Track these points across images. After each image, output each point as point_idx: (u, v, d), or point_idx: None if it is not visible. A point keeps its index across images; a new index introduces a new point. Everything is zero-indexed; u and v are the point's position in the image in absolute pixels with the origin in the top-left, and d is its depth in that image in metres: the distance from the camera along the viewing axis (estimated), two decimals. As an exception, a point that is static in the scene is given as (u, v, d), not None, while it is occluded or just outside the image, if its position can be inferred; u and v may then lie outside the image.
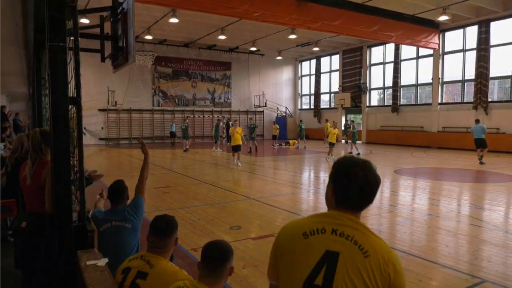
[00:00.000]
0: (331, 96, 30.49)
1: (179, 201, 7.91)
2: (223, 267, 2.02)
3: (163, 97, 28.02)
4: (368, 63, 26.77)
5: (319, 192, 9.10)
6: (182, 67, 28.51)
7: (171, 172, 12.54)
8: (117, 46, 3.64)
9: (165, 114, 27.76)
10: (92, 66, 22.86)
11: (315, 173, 12.80)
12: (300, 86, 33.74)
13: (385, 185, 10.26)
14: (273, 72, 32.45)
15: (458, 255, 4.85)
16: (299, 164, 15.29)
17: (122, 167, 14.32)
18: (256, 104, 31.07)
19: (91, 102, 23.20)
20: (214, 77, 29.95)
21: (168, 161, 16.10)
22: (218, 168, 13.65)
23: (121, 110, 25.96)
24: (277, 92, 32.73)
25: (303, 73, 33.62)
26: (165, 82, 28.01)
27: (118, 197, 3.25)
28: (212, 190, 9.20)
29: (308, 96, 33.35)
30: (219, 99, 30.30)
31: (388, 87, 25.69)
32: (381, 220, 6.51)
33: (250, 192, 8.87)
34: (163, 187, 9.64)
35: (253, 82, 31.39)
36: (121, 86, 25.59)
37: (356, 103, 27.26)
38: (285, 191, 9.18)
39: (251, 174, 11.88)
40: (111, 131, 26.03)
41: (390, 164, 14.41)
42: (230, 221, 6.34)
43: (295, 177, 11.63)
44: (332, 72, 30.24)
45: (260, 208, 7.28)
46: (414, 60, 23.87)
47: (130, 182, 3.59)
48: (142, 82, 26.80)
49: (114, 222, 3.14)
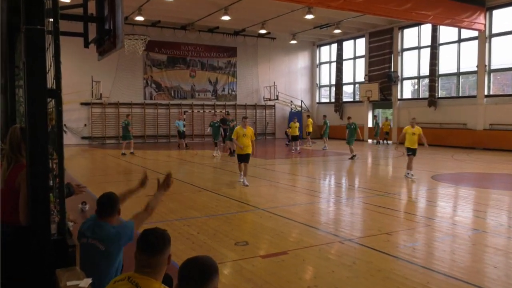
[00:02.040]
0: (355, 88, 30.34)
1: (175, 212, 7.91)
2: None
3: (157, 89, 28.21)
4: (399, 48, 26.60)
5: (341, 202, 9.06)
6: (178, 54, 28.67)
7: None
8: (103, 29, 3.67)
9: (159, 108, 27.94)
10: (74, 53, 23.00)
11: (336, 179, 12.75)
12: (319, 76, 33.64)
13: (420, 194, 10.19)
14: (286, 59, 32.43)
15: (509, 278, 4.79)
16: (317, 167, 15.24)
17: (108, 171, 14.40)
18: (266, 97, 31.09)
19: (72, 94, 23.44)
20: (216, 65, 30.05)
21: (162, 164, 16.18)
22: (221, 173, 13.64)
23: (107, 104, 26.20)
24: (291, 82, 32.70)
25: (322, 60, 33.50)
26: (159, 71, 28.19)
27: (106, 210, 3.29)
28: (213, 198, 9.19)
29: (327, 87, 33.22)
30: (222, 91, 30.39)
31: (424, 76, 25.49)
32: (415, 236, 6.45)
33: (259, 202, 8.84)
34: (156, 195, 9.68)
35: (263, 71, 31.41)
36: (108, 76, 25.83)
37: (385, 95, 27.11)
38: (301, 200, 9.15)
39: (260, 180, 11.84)
40: (95, 128, 26.26)
41: (426, 169, 14.29)
42: (236, 235, 6.34)
43: (313, 184, 11.59)
44: (356, 58, 30.07)
45: (271, 221, 7.27)
46: (455, 44, 23.66)
47: (117, 189, 3.61)
48: (132, 71, 27.02)
49: (90, 239, 3.16)
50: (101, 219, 3.28)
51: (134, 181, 11.83)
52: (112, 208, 3.31)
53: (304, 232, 6.58)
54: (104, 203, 3.30)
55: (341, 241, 6.07)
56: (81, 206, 7.90)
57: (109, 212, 3.29)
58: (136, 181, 4.14)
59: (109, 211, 3.29)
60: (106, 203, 3.30)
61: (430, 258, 5.43)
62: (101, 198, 3.35)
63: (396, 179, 12.57)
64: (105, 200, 3.32)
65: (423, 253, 5.67)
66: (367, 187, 10.82)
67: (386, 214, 7.75)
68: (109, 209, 3.30)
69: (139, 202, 4.04)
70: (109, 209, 3.30)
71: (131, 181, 11.72)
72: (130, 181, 11.83)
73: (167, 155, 19.35)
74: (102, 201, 3.32)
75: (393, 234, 6.47)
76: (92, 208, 7.91)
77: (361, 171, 14.68)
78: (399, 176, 13.21)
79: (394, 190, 10.47)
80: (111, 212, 3.30)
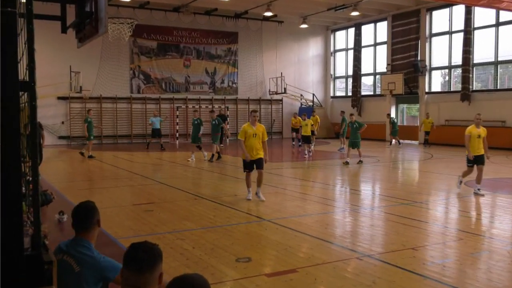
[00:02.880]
0: (376, 79, 30.31)
1: (167, 223, 7.92)
2: None
3: (145, 81, 28.32)
4: (427, 33, 26.55)
5: (359, 212, 9.06)
6: (171, 40, 28.77)
7: (156, 182, 12.59)
8: (83, 12, 3.68)
9: (148, 103, 28.04)
10: (50, 39, 23.13)
11: (353, 185, 12.75)
12: (333, 65, 33.61)
13: (451, 202, 10.17)
14: (296, 46, 32.44)
15: (555, 300, 4.76)
16: (331, 172, 15.23)
17: (89, 176, 14.44)
18: (272, 90, 31.13)
19: (48, 87, 23.55)
20: (214, 53, 30.10)
21: (151, 168, 16.21)
22: (220, 178, 13.66)
23: (88, 99, 26.31)
24: (301, 73, 32.72)
25: (337, 47, 33.48)
26: (148, 60, 28.29)
27: (82, 222, 3.26)
28: (211, 207, 9.20)
29: (343, 78, 33.19)
30: (221, 83, 30.45)
31: (456, 65, 25.43)
32: (446, 251, 6.45)
33: (264, 211, 8.84)
34: (145, 203, 9.67)
35: (268, 59, 31.44)
36: (89, 66, 25.94)
37: (410, 88, 27.07)
38: (313, 209, 9.16)
39: (265, 187, 11.79)
40: (74, 126, 26.37)
41: (458, 173, 14.25)
42: (237, 250, 6.36)
43: (326, 191, 11.58)
44: (377, 45, 30.05)
45: (277, 233, 7.28)
46: (492, 29, 23.59)
47: (100, 197, 3.62)
48: (117, 60, 27.14)
49: (65, 256, 3.17)
50: (78, 234, 3.26)
51: (120, 187, 12.03)
52: (90, 220, 3.27)
53: (316, 247, 6.58)
54: (80, 215, 3.27)
55: (359, 257, 6.07)
56: (58, 216, 7.91)
57: (86, 225, 3.26)
58: (123, 187, 4.15)
59: (86, 224, 3.26)
60: (82, 215, 3.27)
61: (463, 277, 5.41)
62: (76, 208, 3.32)
63: (423, 185, 12.53)
64: (81, 211, 3.29)
65: (454, 271, 5.65)
66: (389, 195, 10.80)
67: (411, 226, 7.74)
68: (87, 222, 3.26)
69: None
70: (87, 222, 3.26)
71: (117, 188, 11.83)
72: (117, 187, 11.90)
73: (158, 158, 19.40)
74: (78, 212, 3.29)
75: (419, 249, 6.46)
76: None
77: (382, 176, 14.64)
78: (427, 182, 13.17)
79: (420, 198, 10.43)
80: (89, 225, 3.27)
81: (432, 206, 9.71)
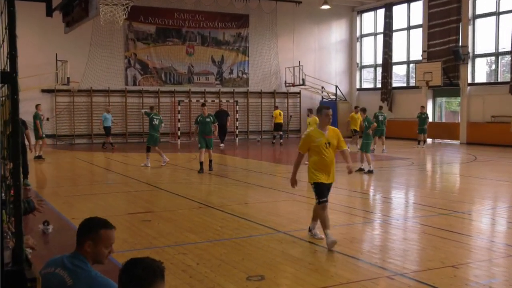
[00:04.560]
0: (410, 69, 30.10)
1: (167, 235, 7.93)
2: None
3: (142, 71, 28.45)
4: (470, 14, 26.33)
5: (390, 223, 9.02)
6: (171, 24, 28.86)
7: (155, 188, 12.63)
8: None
9: (145, 96, 28.13)
10: (33, 24, 23.41)
11: (384, 192, 12.71)
12: (360, 53, 33.45)
13: (499, 212, 10.08)
14: (316, 31, 32.35)
15: None
16: (358, 177, 15.16)
17: (77, 181, 14.52)
18: (289, 81, 31.08)
19: (31, 78, 23.77)
20: (222, 38, 30.14)
21: (149, 171, 16.30)
22: (227, 183, 13.67)
23: (76, 91, 26.50)
24: (322, 62, 32.61)
25: (364, 32, 33.33)
26: (146, 47, 28.41)
27: (81, 237, 3.33)
28: (218, 217, 9.22)
29: (372, 68, 33.05)
30: (229, 74, 30.48)
31: (504, 52, 25.21)
32: (492, 270, 6.40)
33: (279, 222, 8.82)
34: (142, 212, 9.71)
35: (284, 46, 31.37)
36: (78, 55, 26.11)
37: (450, 79, 26.87)
38: (336, 220, 9.04)
39: (280, 193, 11.82)
40: (61, 123, 26.60)
41: (507, 179, 14.13)
42: (247, 267, 6.35)
43: (353, 199, 11.56)
44: (411, 29, 29.87)
45: (294, 247, 7.26)
46: (548, 8, 23.29)
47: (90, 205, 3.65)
48: (110, 47, 27.26)
49: (58, 269, 3.21)
50: (77, 249, 3.30)
51: (113, 194, 12.07)
52: (90, 236, 3.33)
53: (340, 264, 6.56)
54: (80, 231, 3.35)
55: (390, 276, 6.04)
56: (43, 227, 7.94)
57: (84, 241, 3.32)
58: (117, 194, 4.18)
59: (84, 240, 3.32)
60: (82, 231, 3.34)
61: (513, 300, 5.37)
62: (85, 221, 3.40)
63: (465, 192, 12.43)
64: (81, 228, 3.36)
65: (502, 293, 5.60)
66: (425, 203, 10.73)
67: (451, 239, 7.68)
68: (85, 238, 3.32)
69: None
70: (85, 238, 3.32)
71: (110, 194, 11.89)
72: (109, 194, 11.96)
73: (157, 159, 19.48)
74: (84, 225, 3.37)
75: (461, 267, 6.42)
76: (57, 230, 8.02)
77: (417, 181, 14.56)
78: (469, 188, 13.06)
79: (462, 207, 10.36)
80: (87, 242, 3.33)
81: (476, 217, 9.62)
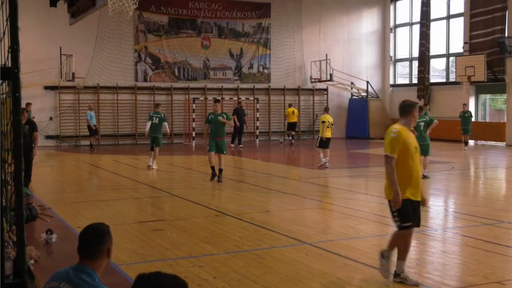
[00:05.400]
0: (450, 62, 29.77)
1: (181, 246, 7.93)
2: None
3: (153, 66, 28.59)
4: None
5: (427, 234, 8.91)
6: (185, 14, 28.98)
7: (167, 194, 12.63)
8: (77, -21, 3.72)
9: (157, 94, 28.28)
10: (36, 15, 23.67)
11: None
12: (393, 45, 33.26)
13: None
14: (345, 21, 32.23)
15: None
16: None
17: (83, 186, 14.62)
18: (315, 77, 30.99)
19: (33, 74, 24.03)
20: (240, 29, 30.16)
21: (161, 175, 16.36)
22: (248, 189, 13.64)
23: (82, 88, 26.71)
24: (351, 55, 32.49)
25: (398, 22, 33.10)
26: (157, 40, 28.55)
27: (89, 248, 3.32)
28: (237, 226, 9.19)
29: (407, 61, 32.81)
30: (249, 69, 30.50)
31: (555, 44, 24.76)
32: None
33: (305, 232, 8.76)
34: (154, 220, 9.71)
35: (310, 38, 31.31)
36: (83, 49, 26.32)
37: (495, 73, 26.55)
38: (367, 230, 9.07)
39: (305, 200, 11.75)
40: (65, 123, 26.83)
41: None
42: (269, 281, 6.31)
43: (385, 206, 11.31)
44: (451, 18, 29.62)
45: (321, 261, 7.23)
46: None
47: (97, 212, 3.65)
48: (119, 40, 27.49)
49: (62, 284, 3.20)
50: (83, 261, 3.29)
51: (122, 200, 12.12)
52: (99, 247, 3.32)
53: (371, 279, 6.49)
54: (88, 239, 3.33)
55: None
56: (46, 236, 7.97)
57: (93, 252, 3.30)
58: (126, 200, 4.18)
59: (93, 251, 3.30)
60: (91, 239, 3.32)
61: None
62: (85, 230, 3.39)
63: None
64: (90, 234, 3.35)
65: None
66: (467, 212, 10.62)
67: (496, 253, 7.59)
68: (94, 249, 3.31)
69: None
70: (94, 249, 3.31)
71: (118, 201, 11.94)
72: (118, 200, 12.01)
73: (169, 163, 19.53)
74: (86, 236, 3.35)
75: (507, 283, 6.33)
76: (62, 240, 8.05)
77: (457, 187, 14.44)
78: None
79: (509, 216, 10.22)
80: (97, 253, 3.31)
81: (524, 228, 9.50)
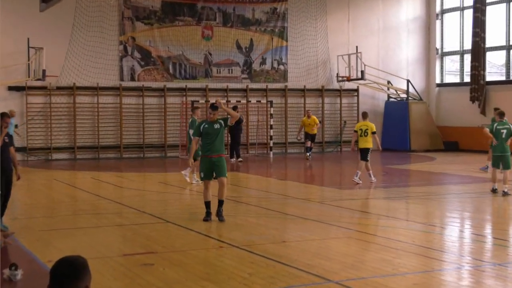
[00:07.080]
0: (510, 56, 29.77)
1: (176, 284, 7.97)
2: None
3: (143, 61, 28.59)
4: None
5: (483, 271, 8.79)
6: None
7: (159, 221, 12.65)
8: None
9: (147, 96, 28.27)
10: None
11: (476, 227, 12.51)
12: (441, 35, 33.31)
13: None
14: (380, 5, 32.41)
15: None
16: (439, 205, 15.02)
17: (56, 211, 14.58)
18: (342, 75, 30.93)
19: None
20: (250, 16, 30.22)
21: (151, 196, 16.33)
22: (259, 214, 13.67)
23: (54, 89, 26.65)
24: (388, 48, 32.65)
25: (446, 6, 33.12)
26: (147, 29, 28.60)
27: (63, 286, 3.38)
28: (246, 261, 9.21)
29: (457, 55, 32.84)
30: (261, 65, 30.45)
31: None
32: None
33: (331, 268, 8.74)
34: (142, 253, 9.75)
35: (336, 27, 31.48)
36: (56, 40, 26.36)
37: None
38: (408, 266, 9.00)
39: (331, 228, 11.81)
40: (34, 132, 26.83)
41: None
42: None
43: (430, 236, 11.42)
44: (511, 2, 29.36)
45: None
46: None
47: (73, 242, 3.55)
48: (100, 30, 27.41)
49: None
50: None
51: (104, 228, 12.31)
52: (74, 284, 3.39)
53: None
54: (62, 275, 3.39)
55: None
56: (9, 272, 8.01)
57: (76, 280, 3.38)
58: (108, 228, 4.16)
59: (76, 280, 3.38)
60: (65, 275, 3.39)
61: None
62: (58, 264, 3.42)
63: None
64: (65, 270, 3.40)
65: None
66: None
67: None
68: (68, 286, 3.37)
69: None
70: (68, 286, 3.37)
71: (99, 229, 12.09)
72: (99, 228, 12.12)
73: (162, 181, 19.55)
74: (59, 271, 3.39)
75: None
76: (28, 277, 7.97)
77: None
78: None
79: None
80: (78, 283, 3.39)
81: None
